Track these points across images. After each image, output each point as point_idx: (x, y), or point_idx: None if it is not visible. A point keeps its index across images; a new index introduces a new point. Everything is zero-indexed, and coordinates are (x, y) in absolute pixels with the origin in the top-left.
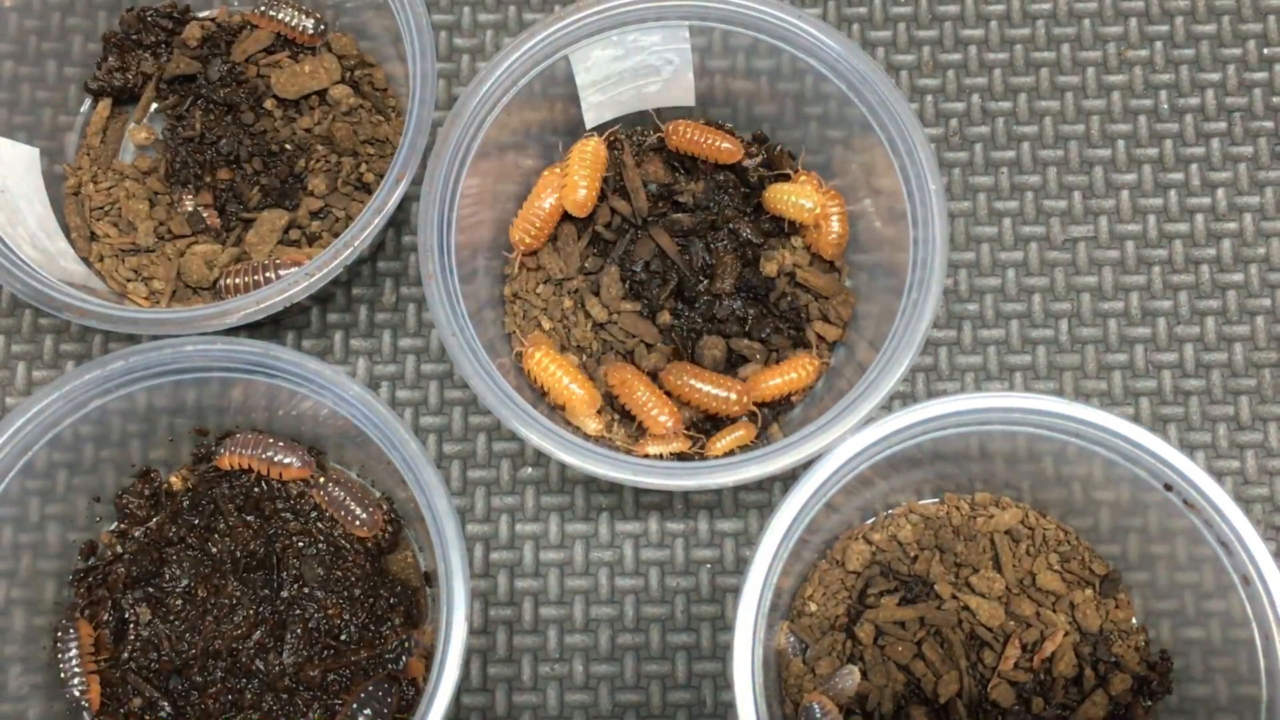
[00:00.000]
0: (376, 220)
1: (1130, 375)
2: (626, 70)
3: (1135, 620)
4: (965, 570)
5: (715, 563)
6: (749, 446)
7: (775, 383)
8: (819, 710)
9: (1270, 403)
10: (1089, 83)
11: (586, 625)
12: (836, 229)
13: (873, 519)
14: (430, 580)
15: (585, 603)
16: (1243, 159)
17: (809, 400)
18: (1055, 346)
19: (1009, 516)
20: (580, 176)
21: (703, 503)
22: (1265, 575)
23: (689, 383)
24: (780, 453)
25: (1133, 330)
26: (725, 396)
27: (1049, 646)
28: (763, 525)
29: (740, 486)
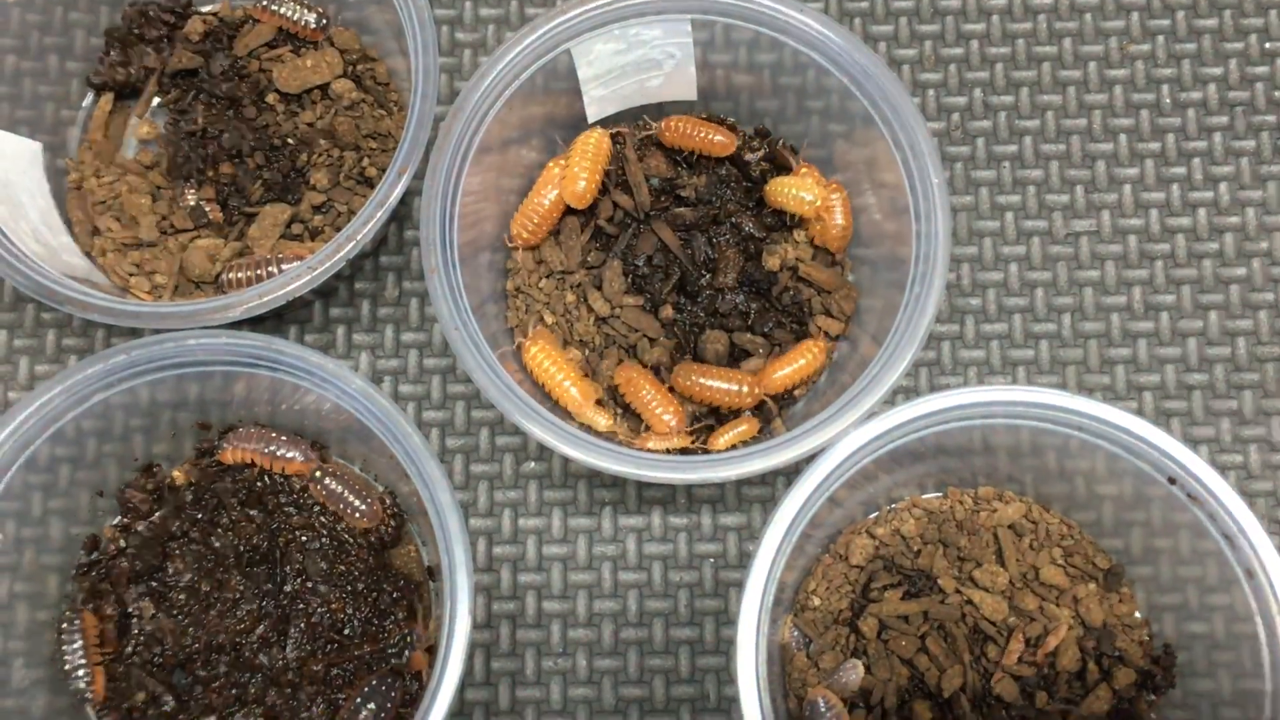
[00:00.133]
0: (379, 214)
1: (1133, 370)
2: (629, 64)
3: (1138, 614)
4: (968, 564)
5: (718, 557)
6: (752, 440)
7: (786, 372)
8: (823, 705)
9: (1273, 397)
10: (1091, 77)
11: (589, 619)
12: (840, 220)
13: (876, 513)
14: (433, 575)
15: (588, 597)
16: (1245, 153)
17: (812, 394)
18: (1058, 341)
19: (1012, 511)
20: (581, 168)
21: (706, 497)
22: (1269, 569)
23: (698, 381)
24: (783, 447)
25: (1136, 325)
26: (736, 390)
27: (1052, 641)
28: (766, 519)
29: (743, 480)
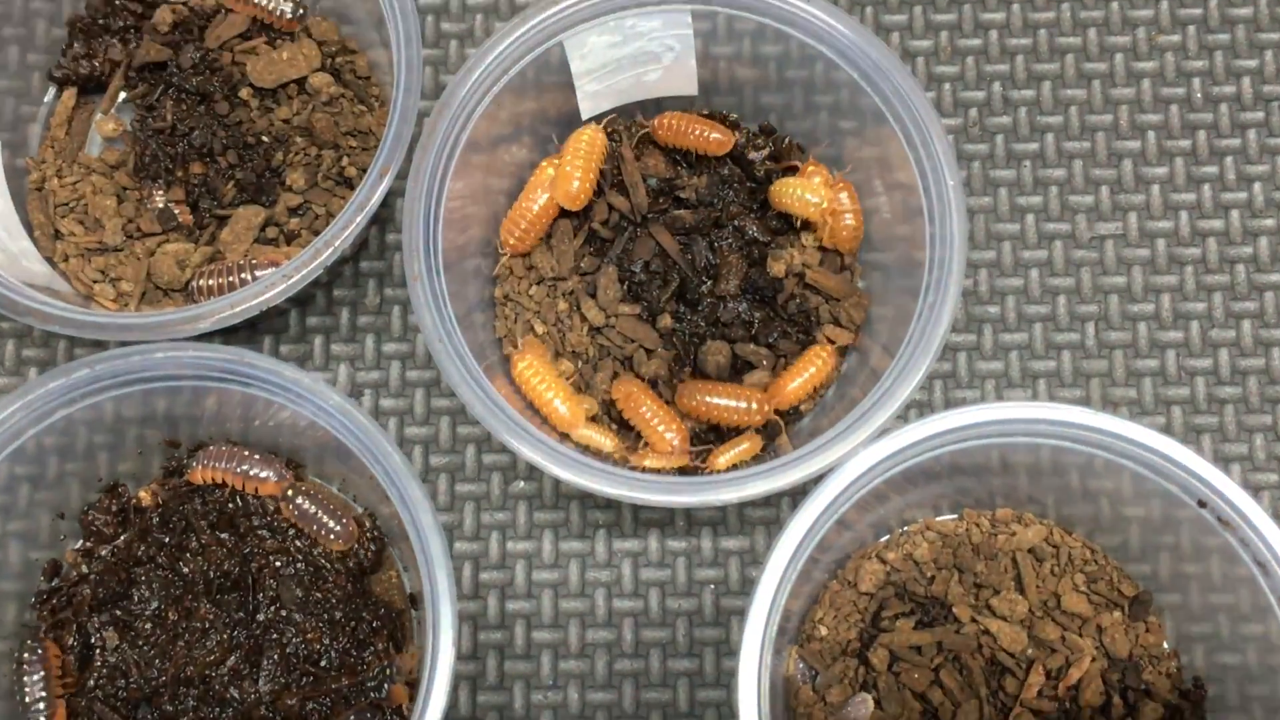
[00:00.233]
0: (359, 217)
1: (1161, 382)
2: (625, 57)
3: (1167, 645)
4: (986, 591)
5: (719, 583)
6: (754, 459)
7: (797, 384)
8: None
9: None
10: (1117, 70)
11: (582, 650)
12: (850, 221)
13: (887, 537)
14: (415, 602)
15: (581, 626)
16: None
17: (820, 409)
18: (1081, 351)
19: (1032, 534)
20: (574, 167)
21: (706, 519)
22: None
23: (704, 400)
24: (789, 466)
25: (1164, 334)
26: (745, 408)
27: (1075, 673)
28: (770, 543)
29: (746, 502)
